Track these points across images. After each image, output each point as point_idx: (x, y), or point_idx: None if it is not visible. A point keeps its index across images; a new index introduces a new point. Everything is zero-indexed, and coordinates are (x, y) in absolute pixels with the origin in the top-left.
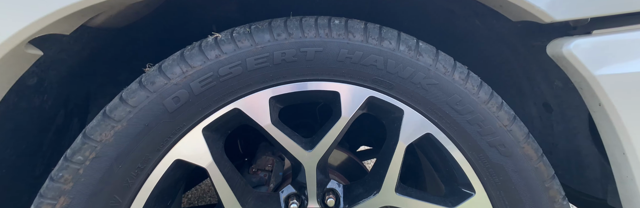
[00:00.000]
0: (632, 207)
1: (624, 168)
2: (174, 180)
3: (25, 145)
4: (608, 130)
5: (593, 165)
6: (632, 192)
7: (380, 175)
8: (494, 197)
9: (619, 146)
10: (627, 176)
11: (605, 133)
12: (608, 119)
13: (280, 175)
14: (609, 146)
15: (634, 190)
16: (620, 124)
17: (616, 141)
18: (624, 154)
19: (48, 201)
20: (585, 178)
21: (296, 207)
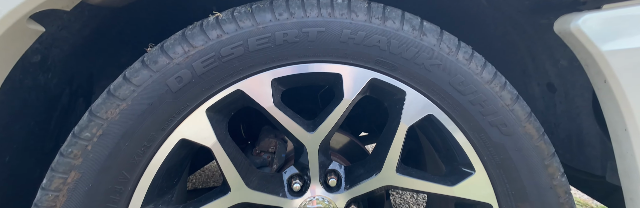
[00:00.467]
0: (630, 182)
1: (625, 144)
2: (179, 159)
3: (33, 122)
4: (611, 107)
5: (593, 143)
6: (631, 167)
7: (381, 156)
8: (493, 176)
9: (621, 123)
10: (627, 152)
11: (608, 110)
12: (612, 96)
13: (283, 156)
14: (611, 123)
15: (633, 166)
16: (624, 101)
17: (619, 117)
18: (626, 130)
19: (59, 175)
20: (585, 156)
21: (299, 187)
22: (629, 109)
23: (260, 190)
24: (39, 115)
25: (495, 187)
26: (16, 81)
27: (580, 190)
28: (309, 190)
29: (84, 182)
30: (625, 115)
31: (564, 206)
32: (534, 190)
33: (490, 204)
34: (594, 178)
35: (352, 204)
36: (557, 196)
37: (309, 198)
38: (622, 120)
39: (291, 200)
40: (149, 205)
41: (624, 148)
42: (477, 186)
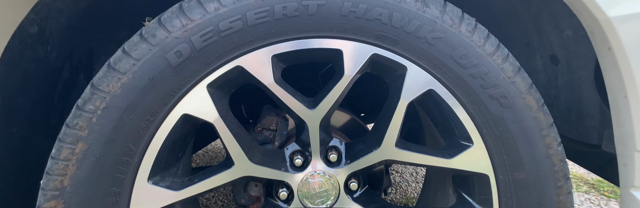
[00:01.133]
0: (624, 148)
1: (624, 112)
2: (183, 133)
3: (37, 95)
4: (613, 75)
5: (592, 114)
6: (627, 134)
7: (381, 131)
8: (491, 147)
9: (621, 90)
10: (625, 119)
11: (610, 78)
12: (615, 63)
13: (284, 133)
14: (612, 91)
15: (630, 132)
16: (626, 68)
17: (620, 85)
18: (626, 97)
19: (67, 145)
20: (583, 126)
21: (300, 162)
22: (630, 76)
23: (262, 164)
24: (42, 88)
25: (492, 158)
26: (16, 52)
27: (576, 162)
28: (310, 165)
29: (92, 153)
30: (627, 82)
31: (558, 174)
32: (530, 160)
33: (486, 175)
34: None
35: (352, 178)
36: (552, 164)
37: (311, 172)
38: (623, 88)
39: (293, 174)
40: (156, 177)
41: (622, 116)
42: (475, 158)
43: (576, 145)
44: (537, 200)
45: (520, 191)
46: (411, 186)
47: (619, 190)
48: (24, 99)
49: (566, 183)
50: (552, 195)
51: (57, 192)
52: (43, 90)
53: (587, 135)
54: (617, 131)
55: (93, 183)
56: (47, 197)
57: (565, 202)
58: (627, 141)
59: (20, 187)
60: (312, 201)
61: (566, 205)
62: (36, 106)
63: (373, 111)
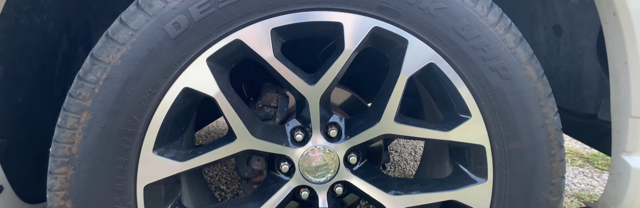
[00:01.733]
0: (619, 115)
1: (622, 78)
2: (185, 107)
3: (38, 65)
4: (616, 41)
5: (591, 83)
6: (623, 101)
7: (380, 107)
8: (488, 119)
9: (622, 57)
10: (622, 86)
11: (612, 44)
12: (619, 29)
13: (285, 110)
14: (613, 57)
15: (626, 99)
16: (630, 33)
17: (621, 51)
18: (626, 64)
19: (72, 115)
20: (581, 97)
21: (301, 137)
22: (632, 42)
23: (264, 139)
24: (42, 59)
25: (489, 129)
26: (12, 19)
27: (572, 136)
28: (311, 140)
29: (97, 123)
30: (628, 48)
31: (553, 142)
32: (526, 130)
33: (483, 146)
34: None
35: (351, 153)
36: (547, 134)
37: (311, 147)
38: (624, 54)
39: (294, 149)
40: (161, 148)
41: (620, 83)
42: (472, 130)
43: (573, 117)
44: (530, 168)
45: (515, 160)
46: (410, 164)
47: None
48: (25, 69)
49: (560, 151)
50: (545, 162)
51: (67, 159)
52: (43, 61)
53: (584, 105)
54: (613, 99)
55: (100, 152)
56: (58, 163)
57: (557, 168)
58: (622, 107)
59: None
60: (312, 174)
61: (558, 171)
62: (38, 77)
63: (373, 92)
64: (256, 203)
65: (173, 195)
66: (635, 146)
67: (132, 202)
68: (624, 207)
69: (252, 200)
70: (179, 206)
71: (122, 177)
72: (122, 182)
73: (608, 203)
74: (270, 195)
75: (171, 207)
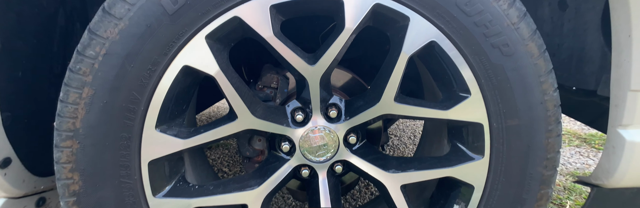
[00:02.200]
0: (619, 89)
1: (625, 52)
2: (185, 86)
3: (35, 40)
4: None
5: (593, 59)
6: (624, 74)
7: (380, 87)
8: (487, 97)
9: (626, 30)
10: (624, 59)
11: (618, 17)
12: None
13: (285, 91)
14: (617, 30)
15: (627, 72)
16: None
17: (626, 23)
18: (630, 36)
19: (74, 90)
20: (582, 73)
21: (301, 118)
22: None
23: (265, 119)
24: (39, 34)
25: (488, 107)
26: None
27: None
28: (311, 121)
29: (99, 98)
30: (634, 21)
31: (550, 118)
32: (525, 107)
33: (481, 123)
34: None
35: (351, 133)
36: (546, 110)
37: (311, 128)
38: (629, 27)
39: (294, 129)
40: (163, 126)
41: (622, 56)
42: (471, 108)
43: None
44: (527, 144)
45: (512, 137)
46: (408, 148)
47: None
48: (22, 43)
49: (557, 126)
50: (542, 138)
51: (71, 133)
52: (40, 36)
53: (584, 81)
54: (614, 73)
55: (103, 127)
56: (63, 137)
57: (553, 144)
58: (622, 81)
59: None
60: (313, 153)
61: (554, 147)
62: (36, 52)
63: (373, 75)
64: (258, 181)
65: (177, 171)
66: (631, 119)
67: (138, 176)
68: (616, 179)
69: (254, 178)
70: (183, 182)
71: (127, 152)
72: (127, 157)
73: (600, 176)
74: (271, 173)
75: (175, 183)
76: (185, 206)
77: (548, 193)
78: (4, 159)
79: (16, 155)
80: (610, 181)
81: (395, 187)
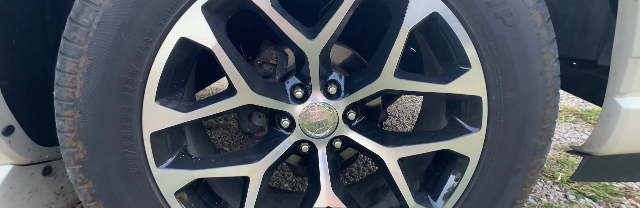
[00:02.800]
0: (620, 57)
1: (630, 18)
2: (183, 59)
3: (27, 8)
4: None
5: (597, 28)
6: (627, 41)
7: (380, 62)
8: (488, 69)
9: None
10: (628, 26)
11: None
12: None
13: (284, 68)
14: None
15: (630, 39)
16: None
17: None
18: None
19: (70, 59)
20: (585, 43)
21: (301, 94)
22: None
23: (264, 95)
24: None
25: (488, 80)
26: None
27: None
28: (311, 97)
29: (96, 68)
30: None
31: (549, 89)
32: (524, 78)
33: (479, 96)
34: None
35: (350, 109)
36: (545, 81)
37: (311, 104)
38: None
39: (294, 105)
40: (162, 99)
41: (627, 22)
42: (471, 81)
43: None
44: (524, 115)
45: (509, 109)
46: (407, 128)
47: None
48: (13, 8)
49: (554, 97)
50: (539, 109)
51: (72, 103)
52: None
53: (586, 51)
54: (617, 40)
55: (103, 98)
56: (63, 106)
57: (550, 114)
58: (624, 48)
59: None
60: (312, 130)
61: (550, 117)
62: (28, 19)
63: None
64: (259, 155)
65: (179, 144)
66: (629, 87)
67: (140, 147)
68: (608, 146)
69: (255, 152)
70: (185, 154)
71: (128, 124)
72: (128, 128)
73: (593, 145)
74: (272, 148)
75: (178, 155)
76: (188, 177)
77: (541, 163)
78: (7, 127)
79: (19, 123)
80: (602, 149)
81: (393, 161)
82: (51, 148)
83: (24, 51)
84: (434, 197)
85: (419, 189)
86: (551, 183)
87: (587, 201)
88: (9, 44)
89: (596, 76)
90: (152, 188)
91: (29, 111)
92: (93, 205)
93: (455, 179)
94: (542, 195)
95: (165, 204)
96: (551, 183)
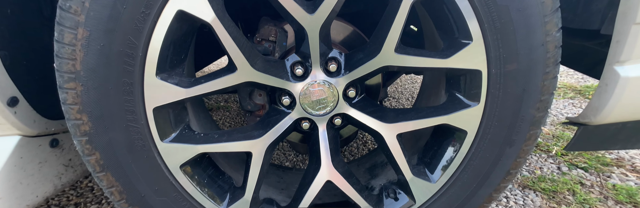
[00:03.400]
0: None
1: None
2: (182, 33)
3: None
4: None
5: None
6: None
7: (381, 37)
8: (489, 42)
9: None
10: None
11: None
12: None
13: (284, 45)
14: None
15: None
16: None
17: None
18: None
19: (68, 30)
20: (589, 12)
21: (301, 72)
22: None
23: (264, 72)
24: None
25: (489, 53)
26: None
27: (569, 66)
28: (311, 75)
29: (95, 40)
30: None
31: (549, 60)
32: (526, 50)
33: (479, 70)
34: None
35: (350, 87)
36: (546, 52)
37: (311, 82)
38: None
39: (294, 83)
40: (163, 74)
41: None
42: (471, 54)
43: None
44: (523, 87)
45: (509, 81)
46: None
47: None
48: None
49: (554, 68)
50: (538, 80)
51: (73, 75)
52: None
53: (589, 20)
54: (622, 5)
55: (104, 71)
56: (65, 78)
57: (548, 86)
58: (628, 15)
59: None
60: (312, 107)
61: (549, 89)
62: None
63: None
64: (261, 131)
65: (181, 120)
66: (630, 54)
67: (144, 121)
68: (603, 115)
69: (256, 129)
70: (188, 129)
71: (131, 98)
72: (131, 102)
73: (589, 115)
74: (273, 125)
75: (181, 130)
76: (192, 151)
77: (536, 134)
78: (11, 98)
79: (22, 95)
80: (598, 118)
81: (392, 136)
82: (56, 121)
83: (19, 22)
84: (431, 169)
85: (417, 163)
86: (546, 157)
87: (579, 172)
88: (4, 13)
89: (597, 50)
90: (157, 161)
91: (31, 83)
92: (102, 175)
93: (454, 151)
94: (536, 167)
95: (171, 176)
96: (546, 157)
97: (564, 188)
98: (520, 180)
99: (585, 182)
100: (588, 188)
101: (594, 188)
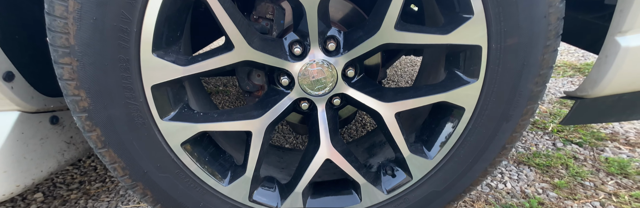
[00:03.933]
0: None
1: None
2: (177, 8)
3: None
4: None
5: None
6: None
7: (381, 14)
8: (490, 15)
9: None
10: None
11: None
12: None
13: (281, 23)
14: None
15: None
16: None
17: None
18: None
19: (58, 1)
20: None
21: (299, 51)
22: None
23: (262, 51)
24: None
25: (490, 27)
26: None
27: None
28: (309, 54)
29: (87, 14)
30: None
31: (551, 32)
32: (527, 23)
33: (479, 46)
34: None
35: (349, 67)
36: (547, 24)
37: (309, 61)
38: None
39: (293, 63)
40: (159, 51)
41: None
42: (472, 29)
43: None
44: (522, 62)
45: (509, 56)
46: None
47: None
48: None
49: (555, 41)
50: (538, 54)
51: (67, 50)
52: None
53: None
54: None
55: (99, 46)
56: (59, 53)
57: (548, 59)
58: None
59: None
60: (311, 87)
61: (548, 62)
62: None
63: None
64: (260, 111)
65: (180, 99)
66: (632, 24)
67: (143, 99)
68: (601, 87)
69: (256, 109)
70: (188, 108)
71: (128, 75)
72: (129, 79)
73: (586, 88)
74: (272, 105)
75: (180, 109)
76: (192, 130)
77: (534, 108)
78: (7, 73)
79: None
80: (595, 90)
81: (390, 115)
82: (54, 98)
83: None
84: (428, 147)
85: (415, 141)
86: (542, 134)
87: (574, 147)
88: None
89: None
90: (158, 138)
91: (26, 59)
92: (104, 151)
93: (452, 127)
94: (531, 144)
95: (172, 154)
96: (542, 134)
97: (558, 163)
98: (515, 156)
99: (578, 156)
100: (581, 162)
101: (587, 162)
